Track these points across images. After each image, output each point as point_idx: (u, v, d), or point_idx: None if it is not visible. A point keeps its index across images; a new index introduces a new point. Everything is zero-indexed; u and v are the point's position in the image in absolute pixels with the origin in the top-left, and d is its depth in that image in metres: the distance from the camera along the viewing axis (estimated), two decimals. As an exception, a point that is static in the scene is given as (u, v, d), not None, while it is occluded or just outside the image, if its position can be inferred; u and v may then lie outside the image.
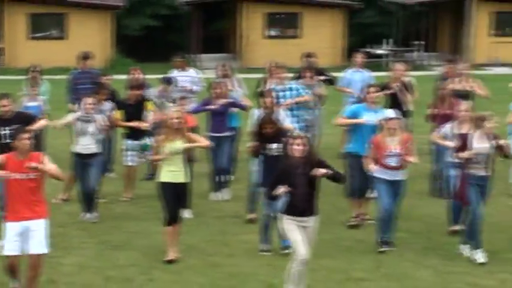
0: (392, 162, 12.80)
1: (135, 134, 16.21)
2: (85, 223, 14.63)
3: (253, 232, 13.72)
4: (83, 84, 18.80)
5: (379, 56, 39.46)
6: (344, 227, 14.34)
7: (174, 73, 19.83)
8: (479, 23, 41.74)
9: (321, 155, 13.52)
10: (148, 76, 19.70)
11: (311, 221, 10.74)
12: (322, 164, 10.74)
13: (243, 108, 16.36)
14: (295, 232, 10.65)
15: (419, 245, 13.50)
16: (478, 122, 12.73)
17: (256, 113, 14.44)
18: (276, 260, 12.62)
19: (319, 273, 12.00)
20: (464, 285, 11.84)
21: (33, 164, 10.24)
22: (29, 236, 10.48)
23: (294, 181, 10.56)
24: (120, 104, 16.44)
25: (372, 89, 14.33)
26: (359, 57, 19.70)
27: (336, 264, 12.44)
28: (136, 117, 16.09)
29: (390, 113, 13.09)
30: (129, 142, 16.37)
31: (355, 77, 19.23)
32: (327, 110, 19.58)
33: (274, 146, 12.46)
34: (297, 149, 10.61)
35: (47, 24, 42.59)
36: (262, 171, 12.89)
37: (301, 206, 10.62)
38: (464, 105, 14.23)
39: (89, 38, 39.39)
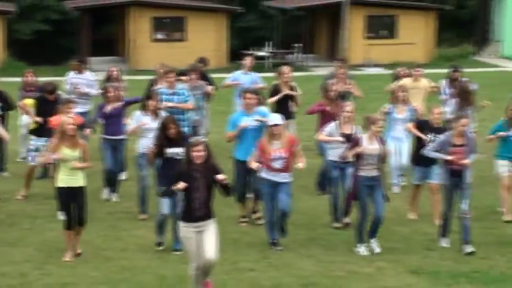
0: (277, 164, 12.72)
1: (40, 131, 15.89)
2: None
3: (144, 227, 13.80)
4: None
5: (262, 58, 39.67)
6: (231, 220, 14.45)
7: (71, 75, 19.41)
8: (354, 27, 42.30)
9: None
10: (40, 78, 19.42)
11: (208, 225, 10.69)
12: (218, 169, 10.73)
13: (137, 101, 16.06)
14: (191, 241, 10.63)
15: (302, 236, 13.69)
16: (367, 124, 12.84)
17: (138, 115, 14.31)
18: (167, 254, 12.72)
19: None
20: (343, 273, 12.08)
21: None
22: None
23: (193, 185, 10.52)
24: (40, 99, 16.29)
25: (248, 95, 14.12)
26: (248, 60, 19.66)
27: (225, 256, 12.39)
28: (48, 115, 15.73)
29: (275, 117, 12.92)
30: (33, 142, 16.06)
31: (244, 79, 19.19)
32: (214, 110, 19.67)
33: (177, 150, 12.29)
34: (198, 155, 10.56)
35: None
36: (161, 174, 12.71)
37: (199, 210, 10.57)
38: (349, 106, 14.32)
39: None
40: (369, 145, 12.68)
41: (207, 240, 10.61)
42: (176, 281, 11.57)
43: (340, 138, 13.68)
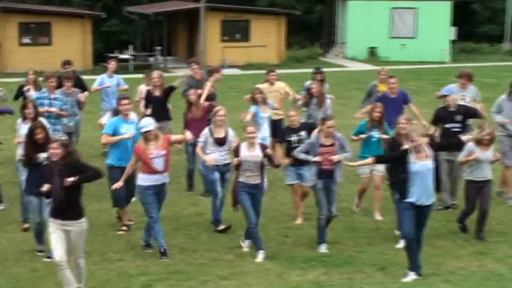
0: (158, 164, 12.23)
1: None
2: None
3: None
4: None
5: (125, 60, 39.40)
6: (99, 212, 14.30)
7: None
8: (211, 30, 42.38)
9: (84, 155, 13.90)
10: None
11: (73, 226, 10.31)
12: (81, 169, 10.30)
13: (9, 112, 15.61)
14: (54, 235, 10.29)
15: (169, 227, 13.60)
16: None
17: (19, 123, 13.60)
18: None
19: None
20: (206, 260, 12.17)
21: None
22: None
23: (53, 185, 10.20)
24: None
25: (124, 101, 13.64)
26: (112, 64, 19.29)
27: (93, 247, 12.35)
28: None
29: (146, 123, 12.33)
30: None
31: (109, 82, 18.90)
32: (86, 110, 19.39)
33: (45, 155, 11.34)
34: (54, 152, 10.21)
35: None
36: (29, 180, 12.12)
37: (60, 209, 10.23)
38: (221, 110, 13.76)
39: None
40: (248, 152, 12.36)
41: (66, 240, 10.31)
42: (47, 272, 11.36)
43: (211, 160, 13.35)
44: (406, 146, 11.46)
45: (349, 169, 13.64)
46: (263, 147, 12.68)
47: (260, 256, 12.22)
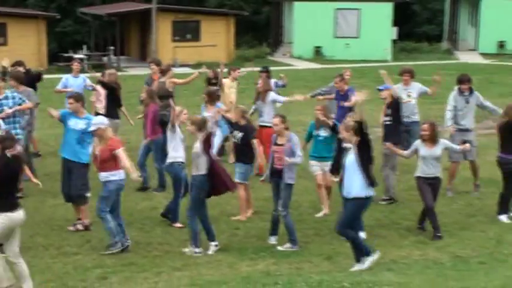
0: (97, 163, 12.20)
1: None
2: None
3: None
4: None
5: (80, 60, 39.12)
6: (55, 208, 14.19)
7: None
8: (162, 31, 42.33)
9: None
10: None
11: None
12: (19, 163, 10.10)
13: None
14: (2, 227, 9.93)
15: (124, 221, 13.50)
16: (200, 125, 12.28)
17: None
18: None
19: (35, 250, 11.92)
20: (160, 253, 12.17)
21: None
22: None
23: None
24: None
25: (69, 100, 13.36)
26: (76, 65, 19.04)
27: (50, 242, 12.30)
28: None
29: (96, 121, 12.34)
30: None
31: (72, 82, 18.62)
32: (41, 109, 19.08)
33: None
34: None
35: None
36: None
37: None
38: (184, 109, 13.75)
39: None
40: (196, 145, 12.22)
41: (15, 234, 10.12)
42: None
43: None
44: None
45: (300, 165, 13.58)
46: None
47: (212, 248, 12.24)
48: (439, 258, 11.86)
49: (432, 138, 12.97)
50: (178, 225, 13.49)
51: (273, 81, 17.78)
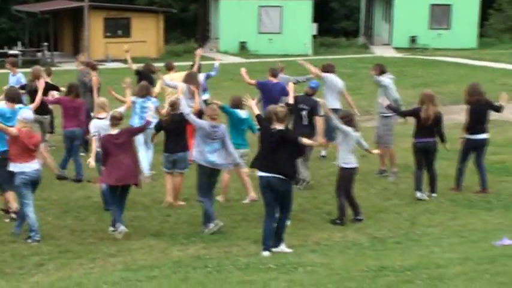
0: (30, 158, 11.92)
1: None
2: None
3: None
4: None
5: (15, 56, 38.46)
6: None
7: None
8: (94, 27, 42.00)
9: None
10: None
11: None
12: None
13: None
14: None
15: (59, 210, 13.50)
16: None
17: None
18: None
19: None
20: (95, 240, 12.09)
21: None
22: None
23: None
24: None
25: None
26: (8, 63, 18.75)
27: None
28: None
29: (22, 114, 12.11)
30: None
31: (11, 80, 18.23)
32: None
33: None
34: None
35: None
36: None
37: None
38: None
39: None
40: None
41: None
42: None
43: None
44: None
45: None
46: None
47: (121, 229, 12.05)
48: (358, 239, 12.04)
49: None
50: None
51: (204, 74, 17.61)
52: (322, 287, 8.81)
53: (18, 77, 18.45)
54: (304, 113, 14.64)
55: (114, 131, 12.35)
